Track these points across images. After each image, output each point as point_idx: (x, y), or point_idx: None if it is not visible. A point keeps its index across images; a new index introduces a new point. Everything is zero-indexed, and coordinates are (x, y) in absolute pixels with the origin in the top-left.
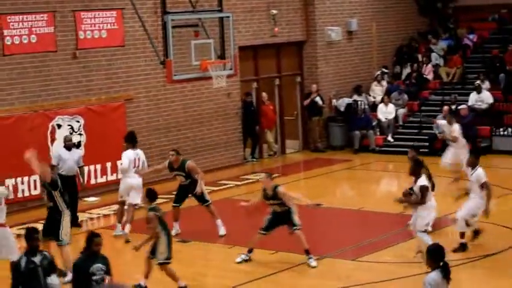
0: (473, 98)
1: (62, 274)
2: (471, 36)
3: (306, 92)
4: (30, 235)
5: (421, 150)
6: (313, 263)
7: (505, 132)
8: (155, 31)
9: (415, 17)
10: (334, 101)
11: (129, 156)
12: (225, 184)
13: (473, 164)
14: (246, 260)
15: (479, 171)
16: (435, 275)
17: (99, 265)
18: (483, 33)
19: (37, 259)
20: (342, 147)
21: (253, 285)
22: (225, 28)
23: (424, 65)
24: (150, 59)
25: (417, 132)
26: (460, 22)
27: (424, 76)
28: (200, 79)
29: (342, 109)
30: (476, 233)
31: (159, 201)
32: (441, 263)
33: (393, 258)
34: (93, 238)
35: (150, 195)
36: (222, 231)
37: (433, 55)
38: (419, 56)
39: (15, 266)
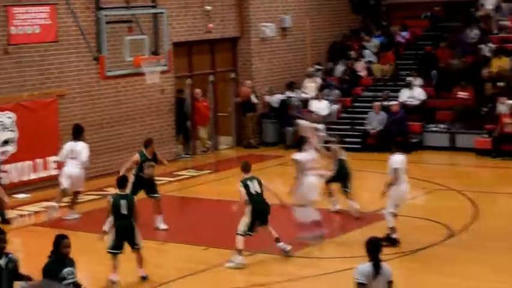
0: (405, 94)
1: (29, 279)
2: (404, 34)
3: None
4: None
5: (353, 146)
6: (229, 264)
7: (436, 128)
8: (89, 27)
9: (348, 14)
10: (267, 97)
11: (65, 147)
12: (158, 180)
13: (393, 150)
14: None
15: (396, 156)
16: (367, 267)
17: (70, 268)
18: (416, 31)
19: (2, 262)
20: (274, 144)
21: (183, 281)
22: (158, 24)
23: (357, 62)
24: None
25: (350, 128)
26: (392, 19)
27: (357, 73)
28: (134, 75)
29: (275, 105)
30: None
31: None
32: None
33: (326, 253)
34: (60, 240)
35: (118, 182)
36: (163, 225)
37: (366, 52)
38: (352, 53)
39: None
